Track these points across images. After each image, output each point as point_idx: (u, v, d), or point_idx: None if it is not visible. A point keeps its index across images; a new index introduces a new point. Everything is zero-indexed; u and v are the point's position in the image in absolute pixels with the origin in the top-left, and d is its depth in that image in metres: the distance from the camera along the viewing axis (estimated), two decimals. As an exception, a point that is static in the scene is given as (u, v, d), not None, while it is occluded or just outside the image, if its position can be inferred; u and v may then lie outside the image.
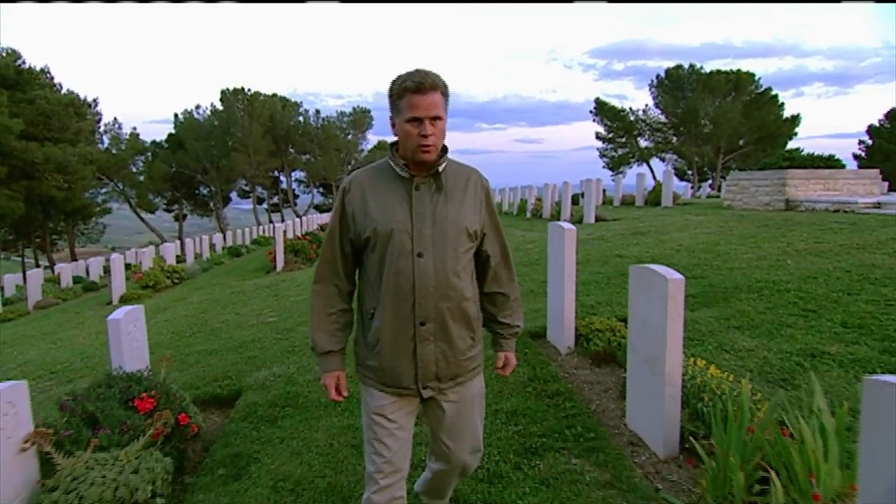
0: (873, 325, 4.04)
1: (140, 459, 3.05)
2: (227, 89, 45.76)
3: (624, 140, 50.10)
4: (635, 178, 17.95)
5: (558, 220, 14.19)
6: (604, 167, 50.28)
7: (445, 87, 1.74)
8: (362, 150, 50.85)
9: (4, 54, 28.81)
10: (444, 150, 1.81)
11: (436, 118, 1.70)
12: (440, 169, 1.77)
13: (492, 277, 1.96)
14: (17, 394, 2.83)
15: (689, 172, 47.33)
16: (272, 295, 9.12)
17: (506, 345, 2.05)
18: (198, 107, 48.73)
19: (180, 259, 18.48)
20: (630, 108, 49.27)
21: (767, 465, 2.26)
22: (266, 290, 9.70)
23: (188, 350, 6.10)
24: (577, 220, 13.35)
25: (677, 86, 46.42)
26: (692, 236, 8.20)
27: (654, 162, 49.04)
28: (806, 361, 3.63)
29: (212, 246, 22.85)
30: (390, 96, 1.76)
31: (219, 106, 46.82)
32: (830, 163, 12.00)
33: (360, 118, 50.13)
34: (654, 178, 42.59)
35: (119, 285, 12.27)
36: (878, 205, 10.01)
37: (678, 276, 2.81)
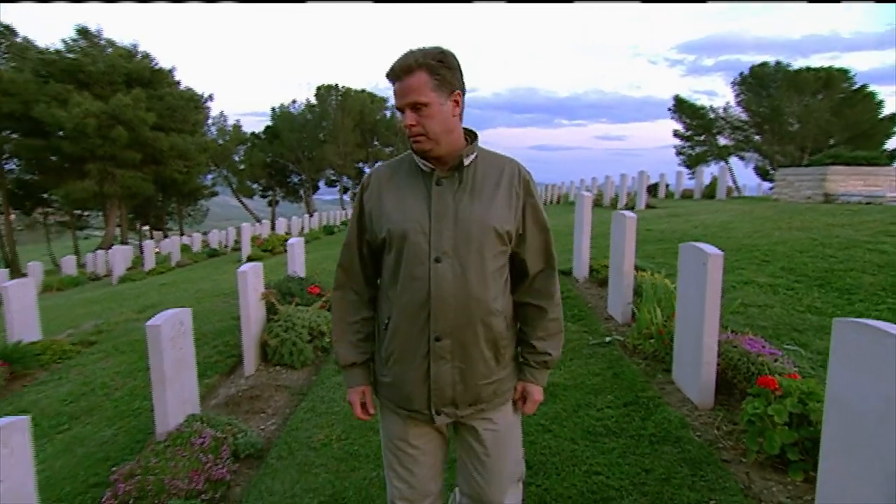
0: (800, 269, 5.74)
1: (318, 312, 5.37)
2: (322, 85, 49.61)
3: (703, 138, 49.69)
4: (708, 175, 19.20)
5: (616, 208, 15.86)
6: (680, 165, 50.08)
7: (434, 63, 1.48)
8: (441, 144, 53.35)
9: (140, 57, 33.50)
10: (473, 138, 1.61)
11: (416, 105, 1.49)
12: (465, 161, 1.56)
13: (527, 286, 1.69)
14: (257, 269, 5.20)
15: (772, 171, 46.41)
16: (370, 255, 11.53)
17: (529, 374, 1.70)
18: (293, 101, 53.08)
19: (287, 233, 21.66)
20: (710, 107, 48.82)
21: (661, 307, 4.20)
22: (365, 253, 12.14)
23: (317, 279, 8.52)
24: (631, 207, 14.96)
25: (762, 83, 45.56)
26: (714, 218, 9.80)
27: (734, 160, 48.35)
28: (738, 285, 5.43)
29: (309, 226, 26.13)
30: None
31: (313, 101, 50.77)
32: (872, 161, 12.91)
33: (440, 113, 52.62)
34: (733, 176, 42.35)
35: (246, 248, 15.34)
36: (905, 198, 11.05)
37: (633, 215, 4.77)
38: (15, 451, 2.10)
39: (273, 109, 53.27)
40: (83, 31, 31.34)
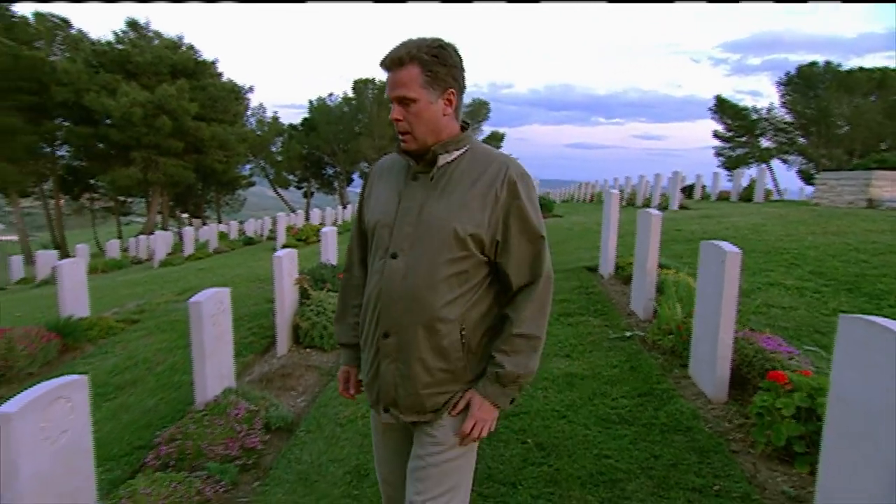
0: (831, 273, 5.69)
1: (349, 299, 5.59)
2: (360, 79, 50.17)
3: (744, 140, 48.45)
4: (747, 178, 18.86)
5: (648, 207, 15.74)
6: (719, 166, 48.96)
7: (428, 58, 1.42)
8: (476, 140, 53.36)
9: (184, 48, 34.47)
10: (463, 128, 1.55)
11: (403, 99, 1.44)
12: (442, 159, 1.50)
13: (509, 298, 1.57)
14: (292, 255, 5.44)
15: (816, 175, 44.97)
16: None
17: (480, 382, 1.54)
18: (330, 94, 53.79)
19: (322, 224, 22.16)
20: (754, 107, 47.58)
21: (681, 304, 4.27)
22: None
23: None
24: (664, 208, 14.81)
25: (810, 84, 44.12)
26: (747, 220, 9.69)
27: (777, 163, 47.02)
28: (764, 287, 5.43)
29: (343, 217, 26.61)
30: None
31: (350, 94, 51.41)
32: (922, 165, 12.51)
33: (477, 109, 52.60)
34: (774, 180, 41.20)
35: (281, 237, 15.82)
36: (952, 205, 10.69)
37: (659, 213, 4.83)
38: (76, 406, 2.35)
39: (310, 102, 54.07)
40: (132, 24, 32.46)
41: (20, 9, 30.40)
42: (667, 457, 2.78)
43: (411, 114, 1.44)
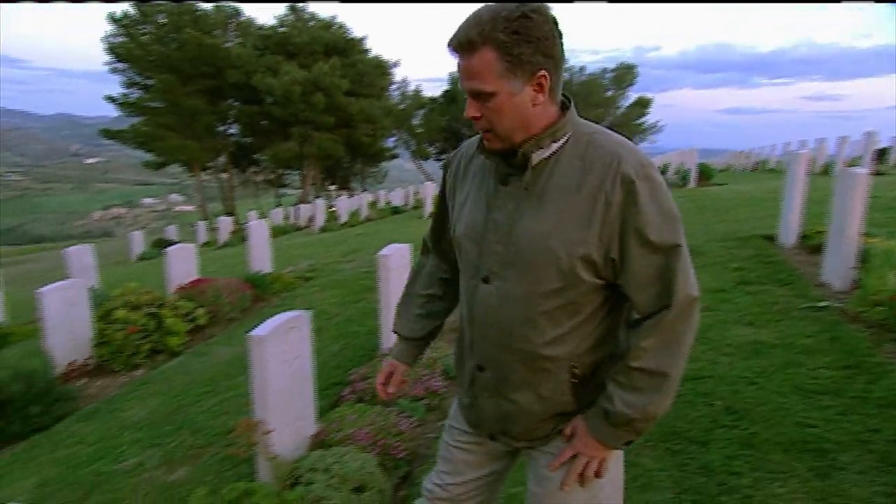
0: None
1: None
2: (498, 49, 49.83)
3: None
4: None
5: (828, 175, 14.03)
6: (915, 127, 41.75)
7: (507, 38, 1.05)
8: (619, 107, 50.77)
9: (336, 27, 36.57)
10: (563, 110, 1.17)
11: (479, 94, 1.11)
12: (540, 156, 1.15)
13: (636, 321, 1.21)
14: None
15: None
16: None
17: (589, 415, 1.24)
18: (470, 65, 54.12)
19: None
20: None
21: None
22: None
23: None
24: (847, 174, 13.13)
25: None
26: (965, 185, 8.26)
27: None
28: None
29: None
30: None
31: (489, 64, 51.33)
32: None
33: (623, 74, 49.82)
34: None
35: (429, 206, 16.47)
36: None
37: (864, 171, 4.30)
38: (303, 337, 2.69)
39: (450, 74, 54.78)
40: (292, 7, 35.04)
41: (204, 3, 34.08)
42: (888, 432, 2.52)
43: (490, 109, 1.12)
